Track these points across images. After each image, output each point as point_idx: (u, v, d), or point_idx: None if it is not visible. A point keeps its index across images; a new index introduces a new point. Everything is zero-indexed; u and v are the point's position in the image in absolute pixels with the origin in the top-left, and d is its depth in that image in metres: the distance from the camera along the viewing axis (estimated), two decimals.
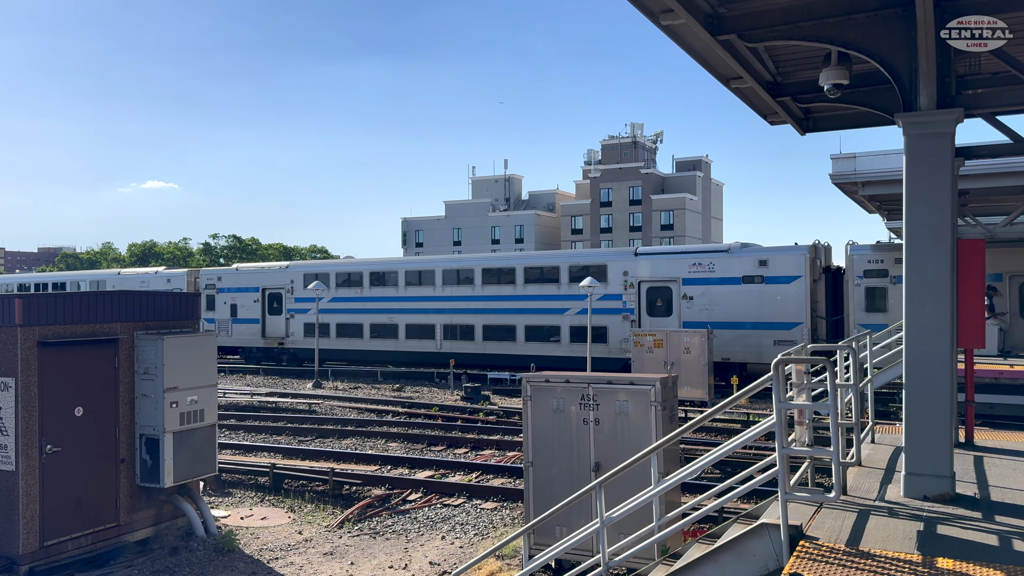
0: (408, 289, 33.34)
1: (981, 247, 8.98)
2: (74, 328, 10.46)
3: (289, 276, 36.25)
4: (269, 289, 36.65)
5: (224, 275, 38.42)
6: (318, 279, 34.48)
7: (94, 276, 44.68)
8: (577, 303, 29.06)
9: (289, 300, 35.95)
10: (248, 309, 37.00)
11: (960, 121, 7.27)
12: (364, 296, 34.39)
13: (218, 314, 37.79)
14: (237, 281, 37.34)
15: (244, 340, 37.07)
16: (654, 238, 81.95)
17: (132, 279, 41.49)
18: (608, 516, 6.90)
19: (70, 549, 10.30)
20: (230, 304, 37.57)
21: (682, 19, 7.08)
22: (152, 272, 42.05)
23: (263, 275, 37.32)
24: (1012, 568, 5.32)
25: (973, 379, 10.28)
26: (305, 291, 35.24)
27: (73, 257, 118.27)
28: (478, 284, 32.00)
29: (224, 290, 37.75)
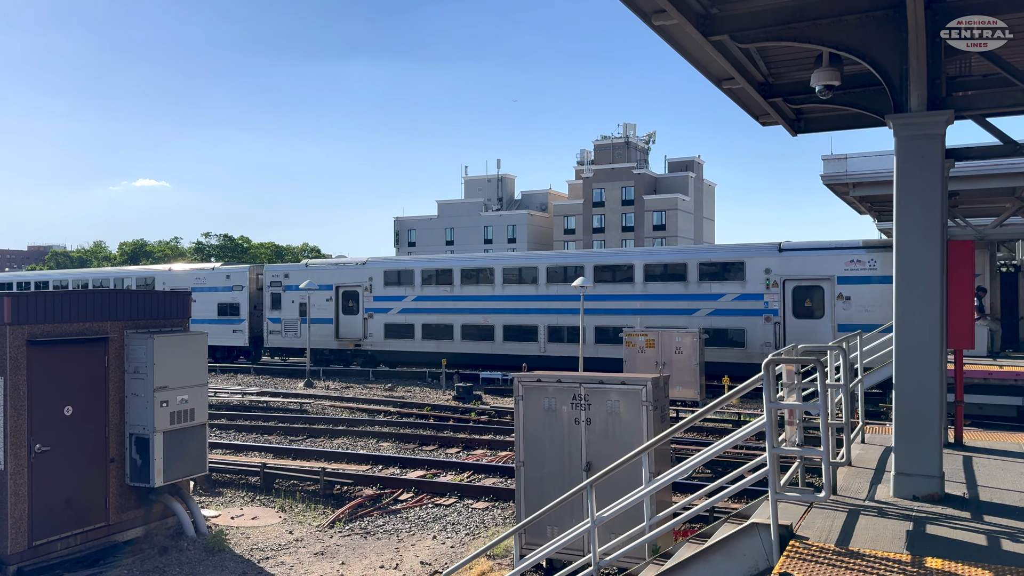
0: (506, 287, 30.95)
1: (971, 248, 9.03)
2: (64, 327, 10.41)
3: (367, 273, 33.77)
4: (344, 287, 34.25)
5: (292, 272, 36.02)
6: (401, 276, 32.80)
7: (141, 272, 41.97)
8: (709, 303, 26.92)
9: (367, 299, 33.51)
10: (320, 308, 34.49)
11: (950, 123, 7.30)
12: (455, 295, 31.82)
13: (285, 313, 35.59)
14: (308, 278, 34.59)
15: (315, 341, 34.44)
16: (646, 238, 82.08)
17: (186, 276, 38.91)
18: (599, 516, 6.90)
19: (59, 549, 10.25)
20: (299, 303, 35.17)
21: (674, 20, 7.09)
22: (209, 268, 39.12)
23: (337, 272, 34.79)
24: (1000, 568, 5.35)
25: (962, 379, 10.32)
26: (385, 289, 33.22)
27: (63, 256, 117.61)
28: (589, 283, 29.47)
29: (292, 288, 35.28)
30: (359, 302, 33.89)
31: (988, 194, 18.95)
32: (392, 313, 32.92)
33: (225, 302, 37.18)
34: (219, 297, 37.39)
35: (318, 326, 34.31)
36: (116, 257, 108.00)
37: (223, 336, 36.96)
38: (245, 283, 37.11)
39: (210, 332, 36.79)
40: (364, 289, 33.74)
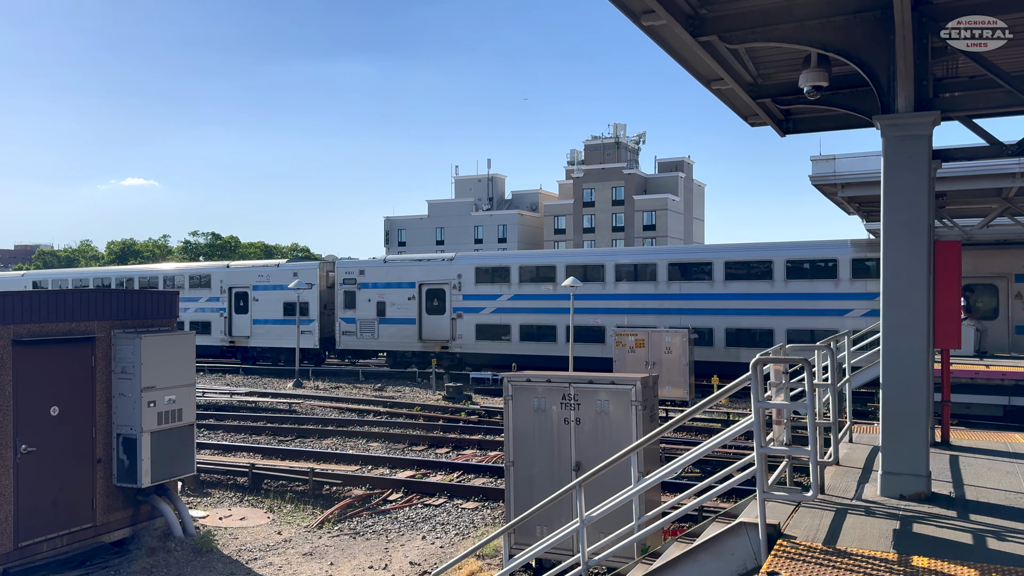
0: (619, 286, 28.54)
1: (958, 249, 9.08)
2: (50, 326, 10.34)
3: (456, 269, 31.37)
4: (428, 284, 31.85)
5: (369, 268, 33.60)
6: (495, 273, 30.48)
7: (193, 270, 39.69)
8: (863, 303, 24.65)
9: (455, 297, 31.08)
10: (400, 307, 32.16)
11: (937, 123, 7.34)
12: (558, 293, 28.98)
13: (360, 312, 33.20)
14: (386, 275, 32.68)
15: (395, 343, 32.43)
16: (636, 238, 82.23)
17: (246, 273, 36.91)
18: (588, 515, 6.91)
19: (45, 550, 10.18)
20: (376, 302, 32.81)
21: (663, 20, 7.10)
22: (273, 265, 36.60)
23: (421, 268, 32.41)
24: (986, 566, 5.38)
25: (949, 379, 10.38)
26: (477, 287, 30.82)
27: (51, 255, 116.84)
28: (719, 280, 26.86)
29: (368, 285, 33.04)
30: (446, 301, 31.54)
31: (975, 195, 19.08)
32: (485, 313, 30.67)
33: (292, 301, 34.84)
34: (285, 296, 35.19)
35: (398, 327, 32.28)
36: (104, 257, 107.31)
37: (290, 337, 34.77)
38: (315, 280, 34.74)
39: (274, 333, 35.13)
40: (452, 287, 31.35)
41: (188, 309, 37.46)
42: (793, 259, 26.24)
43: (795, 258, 26.25)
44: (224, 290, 36.97)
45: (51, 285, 43.39)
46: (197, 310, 37.82)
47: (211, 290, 37.51)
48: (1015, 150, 8.93)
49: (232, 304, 37.01)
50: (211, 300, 37.46)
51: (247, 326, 36.47)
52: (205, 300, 37.66)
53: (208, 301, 37.70)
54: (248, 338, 36.44)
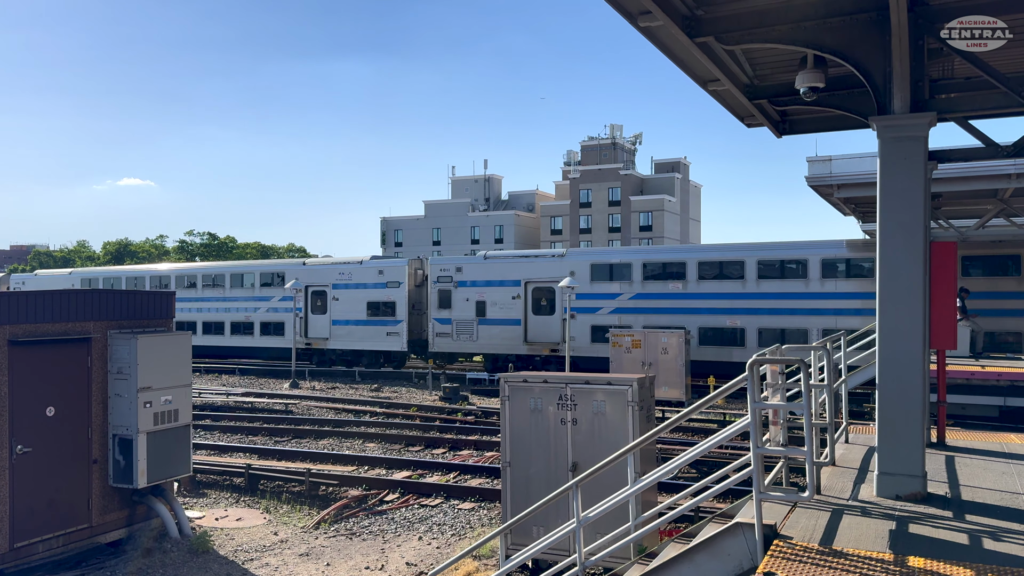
0: (762, 284, 26.29)
1: (953, 250, 9.10)
2: (46, 327, 10.32)
3: (568, 265, 28.97)
4: (536, 283, 29.66)
5: (467, 265, 31.25)
6: (614, 270, 28.44)
7: (267, 267, 37.28)
8: None
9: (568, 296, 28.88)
10: (502, 307, 29.91)
11: (933, 125, 7.36)
12: (688, 292, 27.26)
13: (456, 313, 30.94)
14: (487, 272, 30.32)
15: (496, 345, 30.10)
16: (633, 239, 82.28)
17: (324, 271, 34.68)
18: (585, 516, 6.91)
19: (41, 551, 10.15)
20: (475, 301, 30.55)
21: (660, 21, 7.11)
22: (356, 263, 34.14)
23: (526, 265, 30.06)
24: (982, 567, 5.39)
25: (945, 380, 10.40)
26: (592, 285, 28.72)
27: (46, 255, 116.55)
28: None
29: (465, 284, 30.77)
30: (556, 301, 29.25)
31: (970, 196, 19.13)
32: (602, 313, 28.54)
33: (377, 300, 32.87)
34: (369, 295, 33.10)
35: (500, 328, 29.98)
36: (100, 257, 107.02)
37: (374, 339, 32.89)
38: (403, 279, 32.48)
39: (357, 335, 33.23)
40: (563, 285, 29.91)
41: (258, 309, 36.15)
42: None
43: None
44: (300, 289, 34.27)
45: (101, 284, 41.68)
46: (269, 310, 35.95)
47: (284, 289, 35.05)
48: (1011, 151, 8.97)
49: (309, 304, 34.76)
50: (285, 300, 35.25)
51: (326, 327, 34.28)
52: (278, 300, 35.65)
53: (281, 301, 35.51)
54: (326, 340, 34.23)
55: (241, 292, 37.05)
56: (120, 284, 41.17)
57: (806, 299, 25.92)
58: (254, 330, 36.31)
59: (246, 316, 36.40)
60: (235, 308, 36.76)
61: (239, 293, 37.07)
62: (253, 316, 36.15)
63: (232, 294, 36.85)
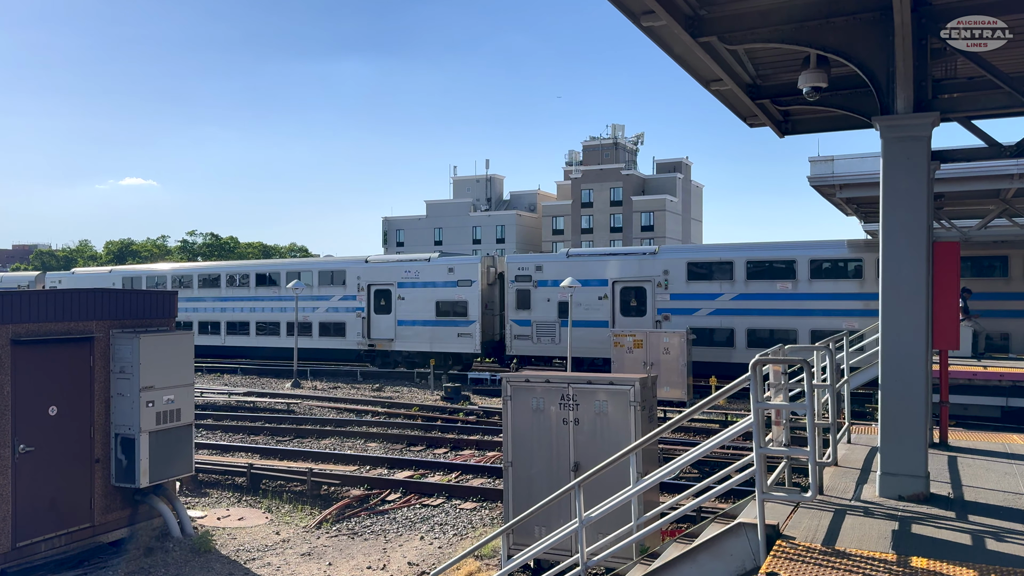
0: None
1: (956, 250, 9.09)
2: (49, 326, 10.33)
3: (660, 264, 27.44)
4: (625, 282, 28.03)
5: (548, 264, 29.45)
6: (713, 269, 26.60)
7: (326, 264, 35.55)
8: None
9: (660, 296, 27.34)
10: (588, 308, 28.23)
11: (936, 124, 7.35)
12: (799, 292, 25.36)
13: (535, 313, 29.31)
14: (569, 271, 28.29)
15: (581, 348, 28.09)
16: (634, 239, 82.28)
17: (389, 269, 32.86)
18: (587, 516, 6.91)
19: (43, 550, 10.16)
20: (557, 301, 28.84)
21: (663, 21, 7.10)
22: (423, 260, 32.48)
23: (615, 263, 28.28)
24: (984, 567, 5.38)
25: (948, 380, 10.39)
26: (689, 284, 27.05)
27: (48, 255, 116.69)
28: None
29: (546, 283, 29.10)
30: (648, 301, 27.66)
31: (973, 196, 19.10)
32: (700, 315, 26.75)
33: (447, 300, 31.19)
34: (437, 294, 31.36)
35: (585, 330, 27.98)
36: (102, 256, 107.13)
37: (444, 340, 31.23)
38: (476, 277, 30.52)
39: (424, 336, 31.69)
40: (656, 284, 27.54)
41: (317, 309, 34.38)
42: None
43: None
44: (362, 288, 33.00)
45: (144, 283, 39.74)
46: (329, 310, 34.17)
47: (346, 288, 33.63)
48: (1014, 151, 8.95)
49: (372, 303, 33.03)
50: (345, 299, 33.59)
51: (390, 328, 32.55)
52: (338, 299, 33.87)
53: (342, 300, 33.76)
54: (391, 341, 32.53)
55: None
56: (165, 283, 39.31)
57: None
58: (312, 331, 34.55)
59: (303, 316, 34.57)
60: (291, 308, 34.89)
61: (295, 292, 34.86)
62: (311, 316, 34.46)
63: (288, 293, 34.79)
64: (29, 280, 45.54)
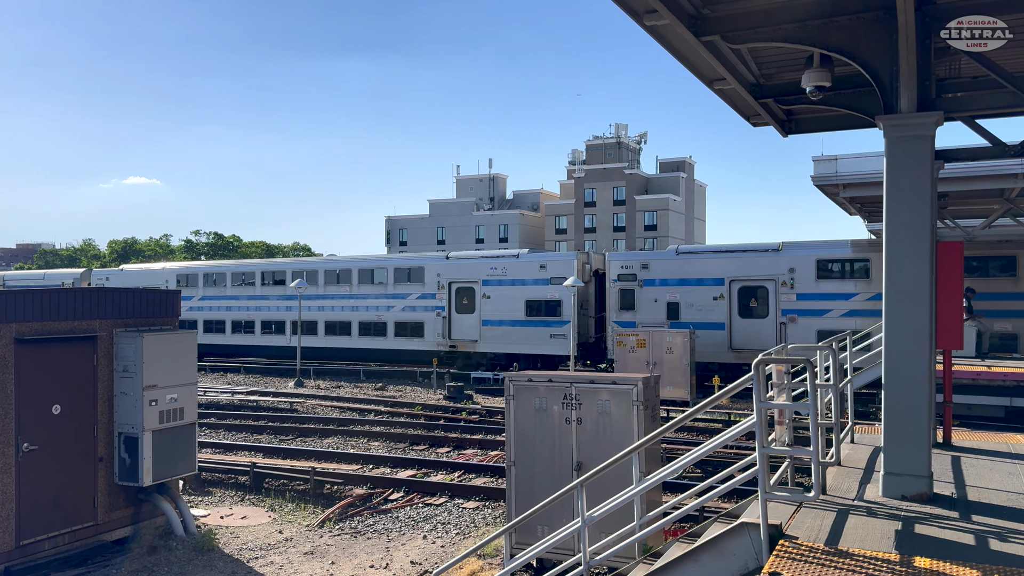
0: None
1: (960, 249, 9.07)
2: (52, 325, 10.35)
3: (785, 262, 25.42)
4: (743, 281, 26.07)
5: (655, 261, 27.58)
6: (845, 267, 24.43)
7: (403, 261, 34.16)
8: None
9: (785, 296, 25.34)
10: (700, 309, 26.54)
11: (940, 124, 7.33)
12: None
13: (641, 315, 27.44)
14: (679, 269, 26.90)
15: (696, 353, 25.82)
16: (637, 239, 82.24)
17: (473, 266, 31.22)
18: (589, 515, 6.90)
19: (47, 548, 10.18)
20: (666, 302, 27.17)
21: (666, 20, 7.10)
22: (511, 256, 30.87)
23: (732, 261, 26.41)
24: (988, 567, 5.37)
25: (951, 380, 10.37)
26: (819, 284, 25.00)
27: (52, 254, 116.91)
28: None
29: (653, 282, 27.34)
30: (770, 301, 25.77)
31: (977, 195, 19.07)
32: (831, 317, 24.63)
33: (538, 299, 29.56)
34: (527, 292, 29.72)
35: (698, 333, 25.60)
36: (106, 256, 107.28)
37: (534, 342, 29.46)
38: (571, 274, 28.66)
39: (512, 336, 30.32)
40: (780, 284, 25.53)
41: (392, 308, 32.84)
42: None
43: None
44: (443, 285, 31.50)
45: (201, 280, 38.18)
46: (405, 308, 32.64)
47: (424, 285, 32.16)
48: (1018, 151, 8.92)
49: (453, 302, 31.53)
50: (424, 297, 32.04)
51: (474, 328, 30.97)
52: (415, 297, 32.29)
53: (420, 299, 32.23)
54: (475, 342, 30.95)
55: (371, 289, 33.69)
56: (224, 280, 37.57)
57: None
58: (387, 331, 33.03)
59: (377, 316, 33.18)
60: (363, 307, 33.51)
61: (369, 290, 33.68)
62: (385, 316, 32.93)
63: (361, 291, 33.59)
64: (75, 277, 43.50)
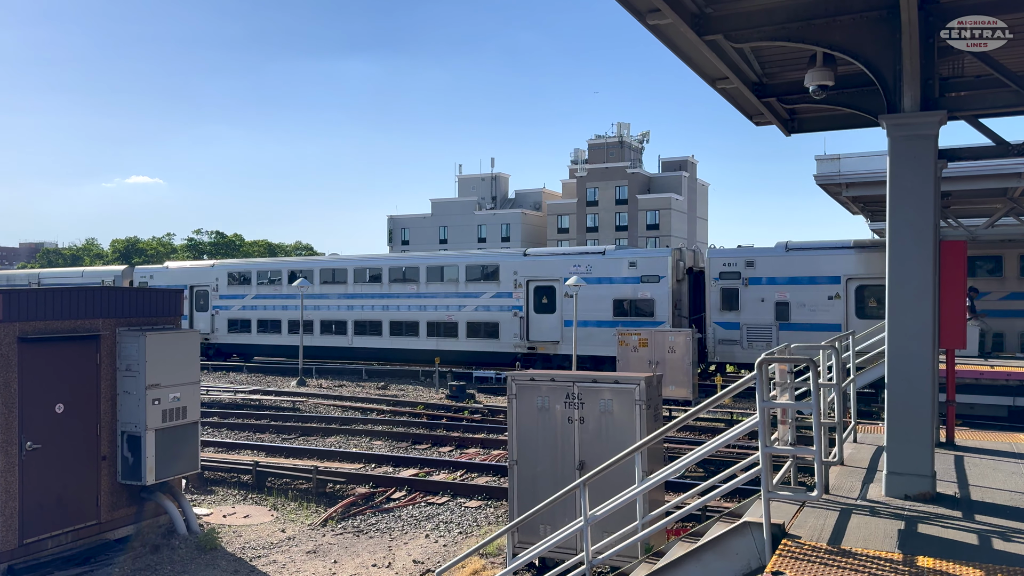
0: None
1: (963, 249, 9.06)
2: (56, 324, 10.36)
3: None
4: (861, 279, 24.39)
5: (761, 259, 25.91)
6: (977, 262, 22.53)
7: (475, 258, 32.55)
8: None
9: None
10: (815, 309, 24.96)
11: (943, 123, 7.32)
12: None
13: (746, 316, 25.88)
14: (788, 267, 25.39)
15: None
16: (640, 238, 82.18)
17: (553, 263, 29.75)
18: (592, 514, 6.91)
19: (50, 547, 10.20)
20: (774, 302, 25.62)
21: (668, 19, 7.10)
22: (596, 253, 29.17)
23: (848, 258, 24.51)
24: (991, 567, 5.37)
25: (954, 379, 10.36)
26: None
27: (55, 253, 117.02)
28: None
29: (759, 281, 25.82)
30: None
31: (980, 195, 19.05)
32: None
33: (627, 298, 28.03)
34: (615, 291, 28.21)
35: (810, 335, 24.24)
36: (108, 255, 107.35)
37: None
38: (665, 272, 27.17)
39: (598, 338, 28.96)
40: None
41: (464, 307, 31.36)
42: None
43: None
44: (520, 284, 29.88)
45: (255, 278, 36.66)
46: (478, 308, 31.04)
47: (499, 284, 30.59)
48: (1021, 150, 8.92)
49: (532, 301, 29.91)
50: (499, 296, 30.35)
51: (555, 329, 29.41)
52: (490, 296, 30.62)
53: (494, 298, 30.67)
54: (556, 344, 29.40)
55: (441, 288, 32.17)
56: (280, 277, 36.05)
57: None
58: (458, 331, 31.55)
59: (448, 316, 31.76)
60: (432, 307, 32.10)
61: (438, 289, 32.15)
62: (456, 316, 31.51)
63: (429, 290, 32.12)
64: (115, 275, 41.45)
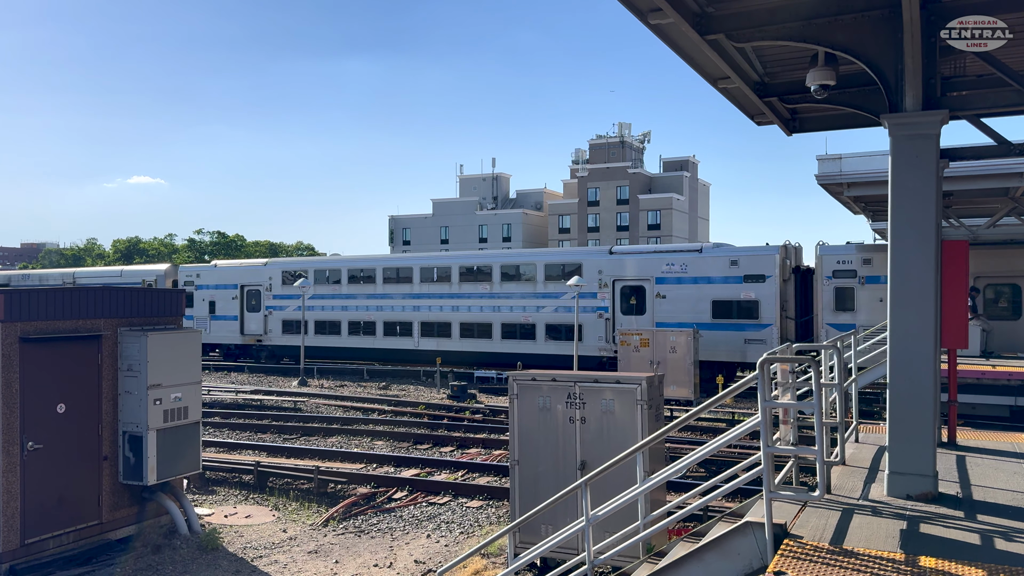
0: None
1: (965, 248, 9.05)
2: (57, 324, 10.37)
3: None
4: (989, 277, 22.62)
5: (879, 256, 24.07)
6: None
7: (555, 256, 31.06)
8: None
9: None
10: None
11: (945, 123, 7.31)
12: None
13: (862, 316, 24.13)
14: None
15: None
16: (641, 238, 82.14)
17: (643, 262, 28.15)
18: (593, 514, 6.90)
19: (52, 547, 10.21)
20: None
21: (670, 18, 7.09)
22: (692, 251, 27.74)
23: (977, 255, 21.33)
24: (993, 567, 5.36)
25: (956, 379, 10.34)
26: None
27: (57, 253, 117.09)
28: None
29: (877, 279, 24.21)
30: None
31: (982, 194, 19.00)
32: None
33: (728, 299, 26.39)
34: (714, 291, 26.59)
35: None
36: (110, 255, 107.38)
37: (725, 348, 26.30)
38: (771, 271, 25.45)
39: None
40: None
41: (542, 308, 29.84)
42: None
43: None
44: (605, 284, 28.42)
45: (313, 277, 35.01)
46: (558, 309, 29.52)
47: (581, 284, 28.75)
48: (1023, 149, 8.90)
49: (619, 302, 28.36)
50: (582, 297, 28.50)
51: None
52: (571, 297, 28.95)
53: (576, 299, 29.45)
54: None
55: (516, 287, 30.68)
56: (341, 277, 34.71)
57: None
58: (536, 334, 30.02)
59: (524, 317, 30.25)
60: (506, 307, 30.64)
61: (513, 289, 30.68)
62: (534, 317, 30.02)
63: (504, 290, 30.70)
64: (157, 274, 39.84)
